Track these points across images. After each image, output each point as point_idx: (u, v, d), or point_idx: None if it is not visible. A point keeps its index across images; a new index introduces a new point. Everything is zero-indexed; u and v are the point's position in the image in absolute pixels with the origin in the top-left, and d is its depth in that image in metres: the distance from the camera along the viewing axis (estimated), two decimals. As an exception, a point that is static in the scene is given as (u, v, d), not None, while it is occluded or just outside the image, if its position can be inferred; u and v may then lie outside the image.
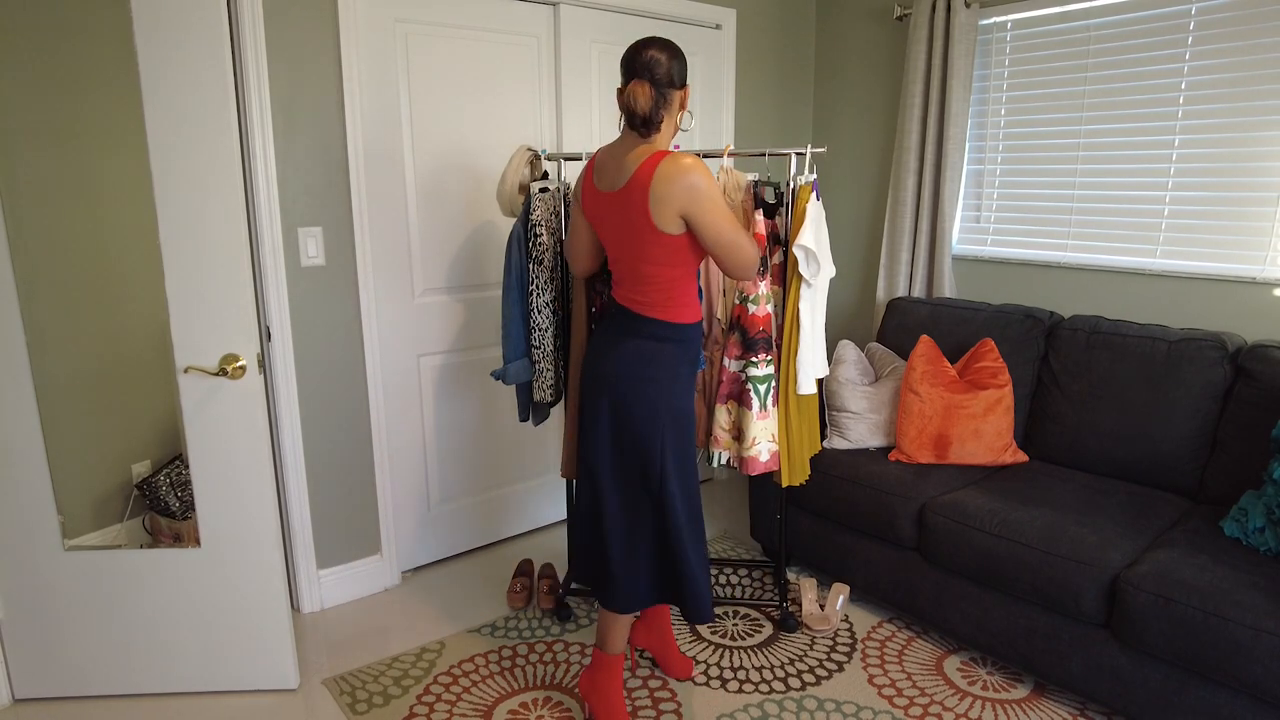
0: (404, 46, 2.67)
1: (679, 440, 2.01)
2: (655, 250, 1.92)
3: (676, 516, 2.00)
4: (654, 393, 1.97)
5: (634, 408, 1.98)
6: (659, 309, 1.98)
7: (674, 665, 2.39)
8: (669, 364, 2.00)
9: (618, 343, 2.01)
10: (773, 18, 3.66)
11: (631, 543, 2.05)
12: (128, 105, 2.24)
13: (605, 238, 2.03)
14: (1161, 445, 2.53)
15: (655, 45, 1.91)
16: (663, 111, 1.92)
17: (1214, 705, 1.92)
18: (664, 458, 1.99)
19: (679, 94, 1.96)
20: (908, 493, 2.54)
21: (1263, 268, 2.63)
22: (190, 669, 2.30)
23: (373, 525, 2.87)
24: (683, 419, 2.03)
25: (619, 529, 2.05)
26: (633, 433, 1.99)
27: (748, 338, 2.38)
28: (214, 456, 2.15)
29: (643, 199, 1.87)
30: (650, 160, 1.87)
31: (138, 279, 2.45)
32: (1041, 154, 3.12)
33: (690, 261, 1.97)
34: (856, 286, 3.87)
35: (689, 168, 1.83)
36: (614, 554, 2.05)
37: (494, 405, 3.14)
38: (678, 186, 1.83)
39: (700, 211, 1.86)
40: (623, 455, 2.02)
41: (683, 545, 2.01)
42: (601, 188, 1.99)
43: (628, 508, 2.05)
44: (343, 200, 2.61)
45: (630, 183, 1.89)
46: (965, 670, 2.43)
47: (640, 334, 2.00)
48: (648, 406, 1.97)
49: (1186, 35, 2.70)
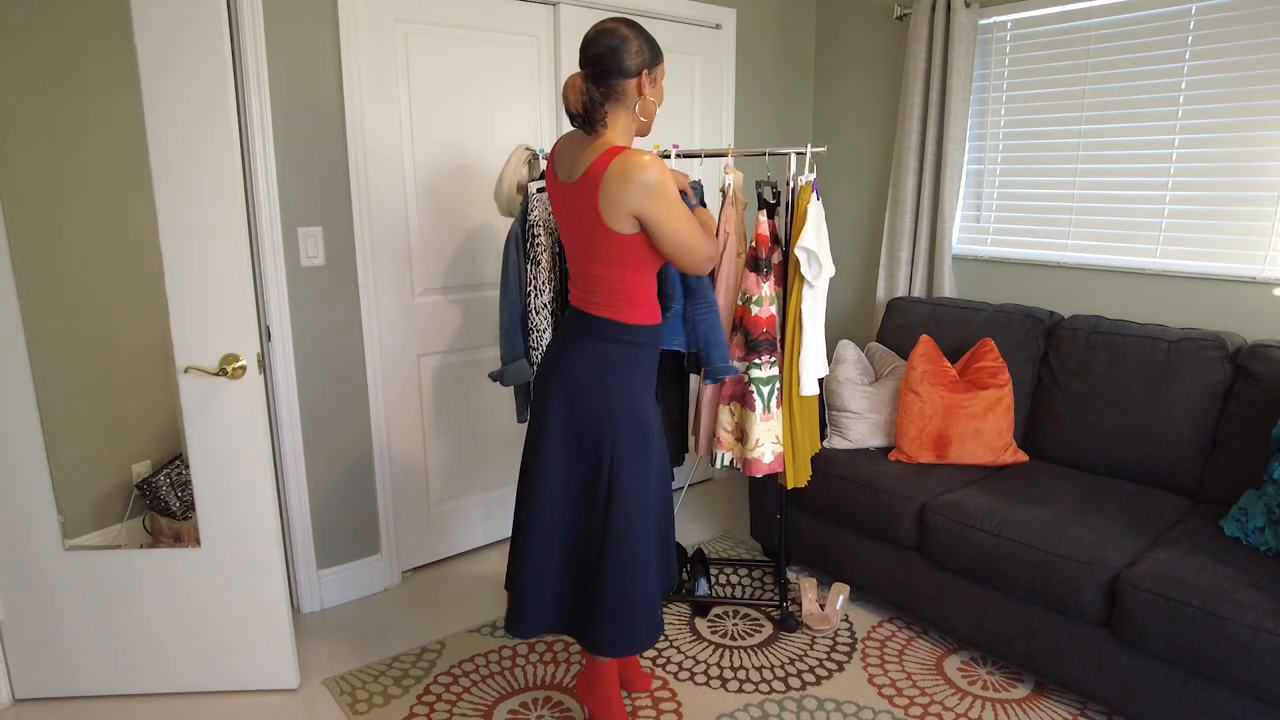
0: (404, 46, 2.67)
1: (633, 450, 1.89)
2: (606, 249, 1.81)
3: (626, 532, 1.87)
4: (602, 397, 1.88)
5: (584, 410, 1.88)
6: (609, 309, 1.87)
7: (633, 681, 2.32)
8: (617, 367, 1.89)
9: (569, 343, 1.92)
10: (773, 18, 3.66)
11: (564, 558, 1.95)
12: (128, 105, 2.24)
13: (561, 230, 1.93)
14: (1161, 445, 2.53)
15: (605, 32, 1.77)
16: (606, 106, 1.79)
17: (1214, 705, 1.92)
18: (614, 468, 1.87)
19: (632, 83, 1.79)
20: (908, 492, 2.54)
21: (1263, 268, 2.63)
22: (190, 669, 2.30)
23: (373, 525, 2.87)
24: (637, 428, 1.90)
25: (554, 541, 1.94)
26: (583, 437, 1.89)
27: (751, 339, 2.38)
28: (214, 456, 2.15)
29: (593, 196, 1.76)
30: (604, 156, 1.76)
31: (138, 279, 2.45)
32: (1041, 154, 3.12)
33: (645, 262, 1.86)
34: (856, 286, 3.87)
35: (644, 165, 1.71)
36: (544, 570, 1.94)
37: (494, 405, 3.14)
38: (630, 186, 1.71)
39: (655, 211, 1.75)
40: (571, 462, 1.92)
41: (626, 565, 1.88)
42: (560, 177, 1.88)
43: (569, 518, 1.94)
44: (343, 200, 2.61)
45: (583, 178, 1.79)
46: (965, 670, 2.43)
47: (589, 334, 1.89)
48: (597, 410, 1.88)
49: (1186, 35, 2.70)
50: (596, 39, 1.78)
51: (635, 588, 1.91)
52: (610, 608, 1.91)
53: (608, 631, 1.91)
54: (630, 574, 1.90)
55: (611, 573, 1.90)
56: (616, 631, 1.91)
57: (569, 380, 1.90)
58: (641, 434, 1.92)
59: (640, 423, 1.92)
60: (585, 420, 1.89)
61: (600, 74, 1.78)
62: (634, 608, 1.91)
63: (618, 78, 1.78)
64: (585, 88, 1.79)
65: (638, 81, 1.80)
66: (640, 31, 1.81)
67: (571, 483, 1.94)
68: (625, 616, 1.91)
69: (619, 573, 1.90)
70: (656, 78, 1.86)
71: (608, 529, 1.90)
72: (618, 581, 1.90)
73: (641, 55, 1.79)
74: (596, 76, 1.79)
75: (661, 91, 1.89)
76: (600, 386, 1.88)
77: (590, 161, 1.78)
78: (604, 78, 1.78)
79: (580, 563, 1.96)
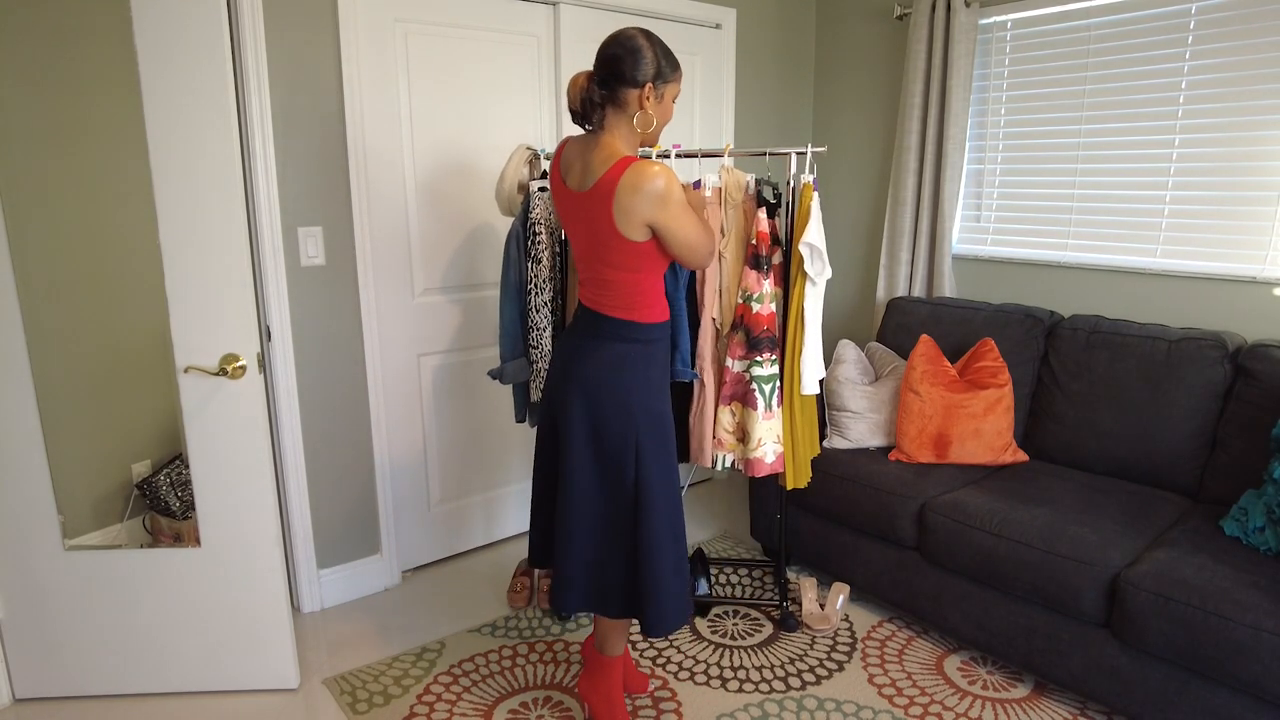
0: (404, 46, 2.67)
1: (655, 442, 1.95)
2: (621, 256, 1.86)
3: (655, 521, 1.93)
4: (623, 395, 1.92)
5: (606, 409, 1.92)
6: (623, 310, 1.92)
7: (631, 682, 2.34)
8: (636, 365, 1.94)
9: (583, 344, 1.96)
10: (773, 17, 3.66)
11: (608, 549, 2.00)
12: (128, 105, 2.24)
13: (571, 235, 1.96)
14: (1161, 445, 2.53)
15: (621, 38, 1.81)
16: (605, 109, 1.84)
17: (1214, 704, 1.92)
18: (640, 460, 1.93)
19: (635, 93, 1.82)
20: (908, 492, 2.54)
21: (1263, 267, 2.63)
22: (190, 669, 2.30)
23: (373, 525, 2.87)
24: (659, 421, 1.96)
25: (591, 534, 1.99)
26: (607, 435, 1.93)
27: (752, 337, 2.38)
28: (214, 456, 2.15)
29: (606, 206, 1.80)
30: (616, 167, 1.79)
31: (138, 279, 2.45)
32: (1041, 154, 3.12)
33: (655, 265, 1.91)
34: (856, 286, 3.87)
35: (654, 175, 1.75)
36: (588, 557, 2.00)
37: (494, 405, 3.14)
38: (643, 197, 1.76)
39: (667, 219, 1.80)
40: (598, 459, 1.96)
41: (657, 553, 1.94)
42: (570, 185, 1.91)
43: (602, 514, 1.98)
44: (343, 200, 2.61)
45: (595, 187, 1.81)
46: (965, 670, 2.43)
47: (605, 335, 1.94)
48: (619, 408, 1.92)
49: (1186, 35, 2.70)
50: (612, 43, 1.82)
51: (666, 572, 1.97)
52: (646, 593, 1.97)
53: (649, 615, 1.98)
54: (662, 561, 1.96)
55: (645, 563, 1.95)
56: (657, 614, 1.98)
57: (589, 381, 1.93)
58: (661, 428, 1.97)
59: (660, 416, 1.97)
60: (608, 419, 1.93)
61: (605, 78, 1.82)
62: (668, 590, 1.98)
63: (621, 85, 1.81)
64: (588, 87, 1.83)
65: (640, 93, 1.82)
66: (657, 46, 1.83)
67: (601, 481, 1.98)
68: (659, 599, 1.97)
69: (650, 561, 1.95)
70: (665, 95, 1.87)
71: (638, 522, 1.95)
72: (650, 569, 1.96)
73: (651, 68, 1.81)
74: (602, 80, 1.82)
75: (669, 110, 1.91)
76: (621, 386, 1.92)
77: (602, 173, 1.81)
78: (608, 82, 1.82)
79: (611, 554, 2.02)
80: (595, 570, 2.02)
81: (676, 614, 2.00)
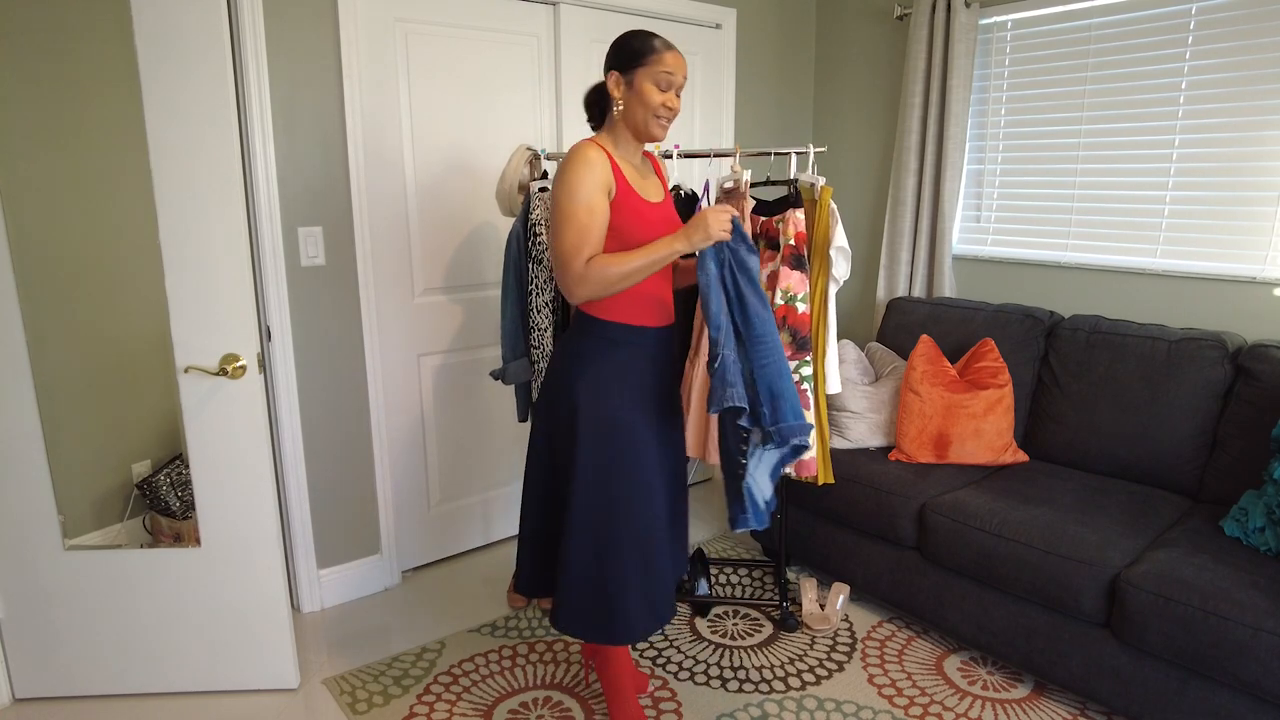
0: (404, 46, 2.67)
1: (594, 444, 1.86)
2: None
3: (574, 522, 1.87)
4: (566, 385, 1.90)
5: (550, 399, 1.94)
6: (596, 305, 1.89)
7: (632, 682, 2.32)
8: (585, 361, 1.88)
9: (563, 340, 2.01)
10: (773, 18, 3.66)
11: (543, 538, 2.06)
12: (128, 105, 2.24)
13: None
14: (1161, 445, 2.53)
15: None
16: (601, 105, 1.92)
17: (1214, 705, 1.92)
18: (570, 459, 1.88)
19: (607, 85, 1.85)
20: (908, 492, 2.54)
21: (1263, 267, 2.63)
22: (190, 669, 2.30)
23: (373, 525, 2.87)
24: (602, 425, 1.86)
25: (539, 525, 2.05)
26: (551, 426, 1.95)
27: (799, 337, 2.35)
28: (214, 456, 2.15)
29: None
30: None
31: (138, 279, 2.44)
32: (1041, 154, 3.12)
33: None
34: (856, 286, 3.87)
35: (570, 153, 1.79)
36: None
37: (494, 405, 3.14)
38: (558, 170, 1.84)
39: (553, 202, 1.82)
40: (547, 450, 1.98)
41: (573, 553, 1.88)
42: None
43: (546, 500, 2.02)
44: (343, 200, 2.61)
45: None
46: (965, 670, 2.43)
47: (572, 328, 1.95)
48: (559, 401, 1.91)
49: (1186, 35, 2.70)
50: None
51: (575, 577, 1.90)
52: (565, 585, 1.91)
53: (561, 608, 1.93)
54: (572, 563, 1.90)
55: (567, 555, 1.90)
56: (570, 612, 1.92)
57: (548, 372, 1.99)
58: (606, 431, 1.86)
59: (605, 420, 1.86)
60: (552, 408, 1.94)
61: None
62: (583, 590, 1.91)
63: (601, 84, 1.91)
64: (597, 85, 1.93)
65: (609, 79, 1.84)
66: (626, 36, 1.83)
67: (547, 469, 2.01)
68: (574, 597, 1.91)
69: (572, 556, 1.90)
70: (636, 82, 1.79)
71: (564, 517, 1.92)
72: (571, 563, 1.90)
73: (610, 60, 1.83)
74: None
75: (649, 97, 1.79)
76: (565, 374, 1.92)
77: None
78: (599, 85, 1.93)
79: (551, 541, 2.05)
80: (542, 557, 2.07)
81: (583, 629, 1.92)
